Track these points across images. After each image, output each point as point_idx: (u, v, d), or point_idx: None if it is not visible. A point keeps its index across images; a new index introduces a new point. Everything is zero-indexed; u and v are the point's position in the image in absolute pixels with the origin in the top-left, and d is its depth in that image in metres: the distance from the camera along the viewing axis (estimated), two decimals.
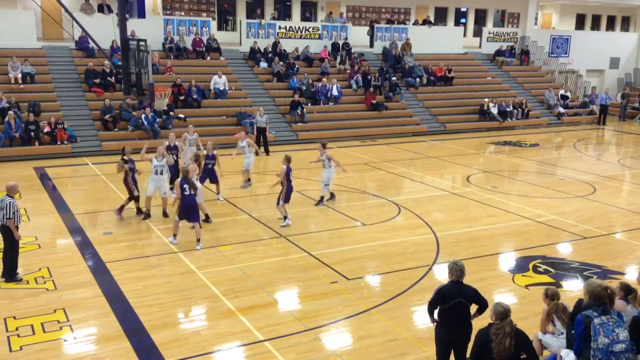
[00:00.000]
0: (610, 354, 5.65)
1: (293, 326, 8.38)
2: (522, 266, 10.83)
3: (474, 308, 6.62)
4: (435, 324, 6.70)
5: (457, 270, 6.54)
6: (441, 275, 10.47)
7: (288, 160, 12.78)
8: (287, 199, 12.73)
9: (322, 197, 14.33)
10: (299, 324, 8.46)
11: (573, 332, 6.08)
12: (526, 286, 9.89)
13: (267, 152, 20.44)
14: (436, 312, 6.64)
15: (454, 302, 6.42)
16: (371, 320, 8.62)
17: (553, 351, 7.02)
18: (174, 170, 14.17)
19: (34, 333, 8.09)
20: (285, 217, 12.71)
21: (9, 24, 22.55)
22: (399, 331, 8.33)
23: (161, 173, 13.04)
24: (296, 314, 8.81)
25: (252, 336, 8.09)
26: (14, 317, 8.47)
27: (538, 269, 10.68)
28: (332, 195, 14.53)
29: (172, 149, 14.70)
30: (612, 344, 5.65)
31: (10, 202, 9.40)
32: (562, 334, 6.91)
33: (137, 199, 13.17)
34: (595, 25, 40.88)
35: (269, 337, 8.04)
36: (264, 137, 20.60)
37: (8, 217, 9.36)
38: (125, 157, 12.90)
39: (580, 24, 40.38)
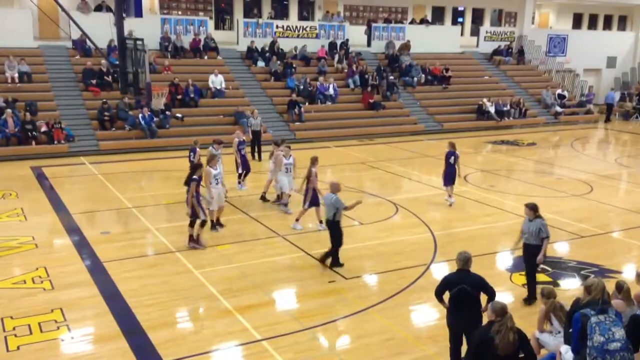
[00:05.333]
0: (605, 352, 5.68)
1: (291, 325, 8.37)
2: (519, 265, 10.79)
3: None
4: (446, 308, 7.07)
5: (461, 259, 6.86)
6: (439, 274, 10.48)
7: None
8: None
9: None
10: (296, 323, 8.45)
11: (571, 330, 6.11)
12: (523, 285, 9.88)
13: (259, 157, 19.18)
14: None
15: (458, 289, 6.69)
16: (369, 320, 8.62)
17: (550, 350, 7.04)
18: (245, 165, 15.35)
19: (31, 333, 8.07)
20: None
21: (6, 23, 22.48)
22: (396, 330, 8.33)
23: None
24: (294, 313, 8.81)
25: (249, 335, 8.08)
26: (11, 317, 8.45)
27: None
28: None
29: (242, 144, 15.46)
30: (607, 342, 5.68)
31: (335, 199, 10.14)
32: (559, 332, 6.94)
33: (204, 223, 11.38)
34: (593, 25, 40.94)
35: (266, 337, 8.04)
36: (258, 141, 19.44)
37: (342, 206, 10.13)
38: (196, 177, 11.05)
39: (577, 23, 40.44)
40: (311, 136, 23.09)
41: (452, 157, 14.30)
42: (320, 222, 12.43)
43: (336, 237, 10.35)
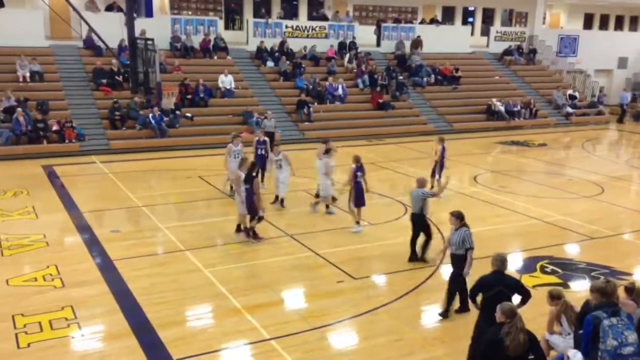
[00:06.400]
0: (619, 357, 5.61)
1: (299, 325, 8.38)
2: (529, 266, 10.80)
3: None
4: (478, 310, 7.10)
5: (497, 261, 6.94)
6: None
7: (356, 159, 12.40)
8: (356, 202, 12.33)
9: None
10: (305, 322, 8.46)
11: (580, 332, 6.06)
12: (533, 287, 9.83)
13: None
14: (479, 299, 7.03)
15: (496, 291, 6.72)
16: (377, 320, 8.62)
17: (560, 351, 7.00)
18: (261, 163, 15.07)
19: (41, 330, 8.13)
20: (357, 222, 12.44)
21: (17, 22, 22.61)
22: (405, 331, 8.32)
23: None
24: (302, 313, 8.82)
25: (258, 334, 8.10)
26: (22, 315, 8.52)
27: (545, 269, 10.65)
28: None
29: (261, 144, 15.40)
30: (621, 347, 5.62)
31: (424, 192, 10.57)
32: (569, 334, 6.90)
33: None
34: (604, 25, 40.66)
35: (275, 336, 8.05)
36: (271, 142, 18.82)
37: (430, 194, 10.78)
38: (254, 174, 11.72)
39: (588, 23, 40.18)
40: (320, 136, 22.94)
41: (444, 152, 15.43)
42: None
43: (426, 229, 10.66)
